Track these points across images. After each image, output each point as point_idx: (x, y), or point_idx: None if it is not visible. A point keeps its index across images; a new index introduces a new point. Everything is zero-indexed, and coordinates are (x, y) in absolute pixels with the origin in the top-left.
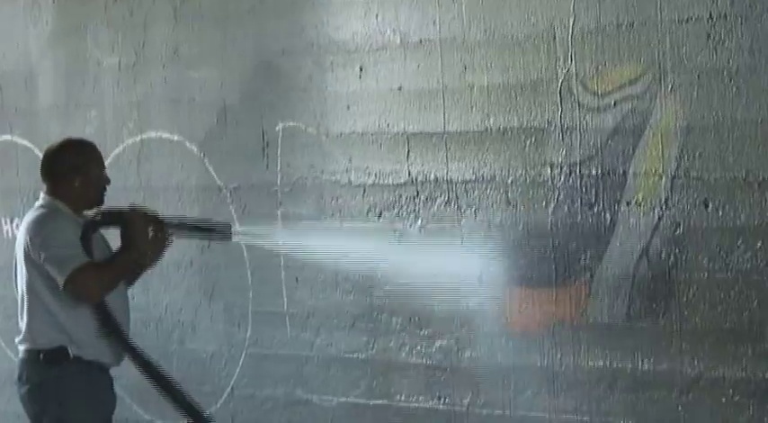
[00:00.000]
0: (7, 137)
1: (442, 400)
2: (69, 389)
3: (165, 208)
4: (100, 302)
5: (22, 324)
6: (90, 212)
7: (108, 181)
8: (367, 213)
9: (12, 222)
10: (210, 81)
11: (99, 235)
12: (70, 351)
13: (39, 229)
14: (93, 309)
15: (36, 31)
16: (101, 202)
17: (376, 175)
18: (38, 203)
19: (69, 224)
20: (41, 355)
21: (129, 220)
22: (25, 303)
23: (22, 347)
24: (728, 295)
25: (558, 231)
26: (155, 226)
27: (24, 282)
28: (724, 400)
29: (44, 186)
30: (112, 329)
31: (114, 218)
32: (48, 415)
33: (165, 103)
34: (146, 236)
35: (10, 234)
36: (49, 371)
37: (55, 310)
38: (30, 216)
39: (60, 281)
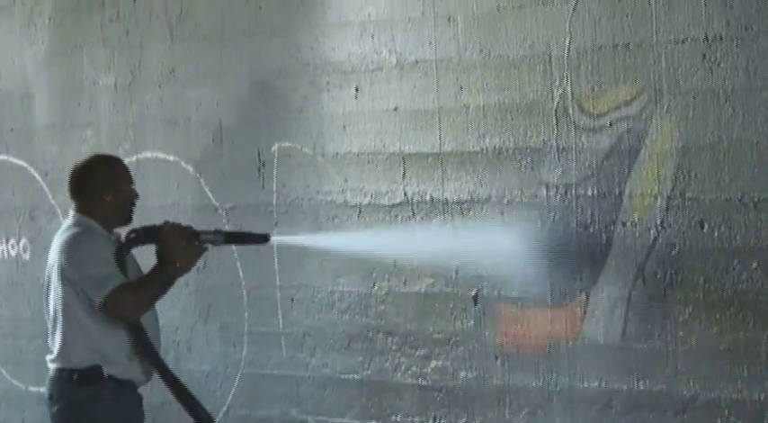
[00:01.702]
0: (3, 156)
1: (438, 420)
2: (102, 408)
3: None
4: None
5: (53, 344)
6: (121, 231)
7: (137, 196)
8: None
9: (8, 242)
10: (206, 101)
11: (130, 254)
12: (104, 370)
13: (74, 249)
14: (127, 327)
15: (32, 51)
16: (130, 218)
17: (372, 195)
18: (68, 222)
19: (104, 243)
20: (75, 375)
21: (164, 235)
22: (58, 323)
23: (53, 366)
24: (724, 316)
25: (553, 252)
26: (189, 238)
27: (60, 301)
28: (719, 421)
29: (73, 204)
30: (146, 348)
31: (150, 235)
32: None
33: (161, 123)
34: (182, 250)
35: (5, 254)
36: (81, 390)
37: (90, 329)
38: (63, 236)
39: (98, 301)
